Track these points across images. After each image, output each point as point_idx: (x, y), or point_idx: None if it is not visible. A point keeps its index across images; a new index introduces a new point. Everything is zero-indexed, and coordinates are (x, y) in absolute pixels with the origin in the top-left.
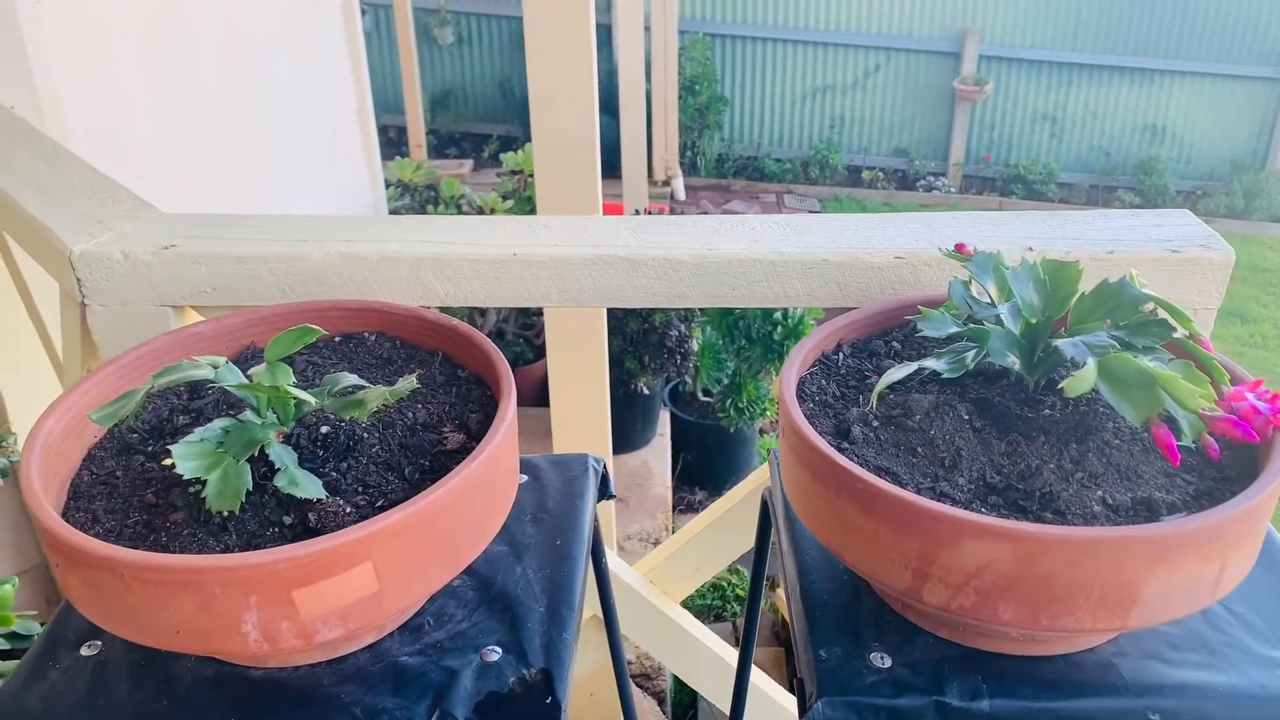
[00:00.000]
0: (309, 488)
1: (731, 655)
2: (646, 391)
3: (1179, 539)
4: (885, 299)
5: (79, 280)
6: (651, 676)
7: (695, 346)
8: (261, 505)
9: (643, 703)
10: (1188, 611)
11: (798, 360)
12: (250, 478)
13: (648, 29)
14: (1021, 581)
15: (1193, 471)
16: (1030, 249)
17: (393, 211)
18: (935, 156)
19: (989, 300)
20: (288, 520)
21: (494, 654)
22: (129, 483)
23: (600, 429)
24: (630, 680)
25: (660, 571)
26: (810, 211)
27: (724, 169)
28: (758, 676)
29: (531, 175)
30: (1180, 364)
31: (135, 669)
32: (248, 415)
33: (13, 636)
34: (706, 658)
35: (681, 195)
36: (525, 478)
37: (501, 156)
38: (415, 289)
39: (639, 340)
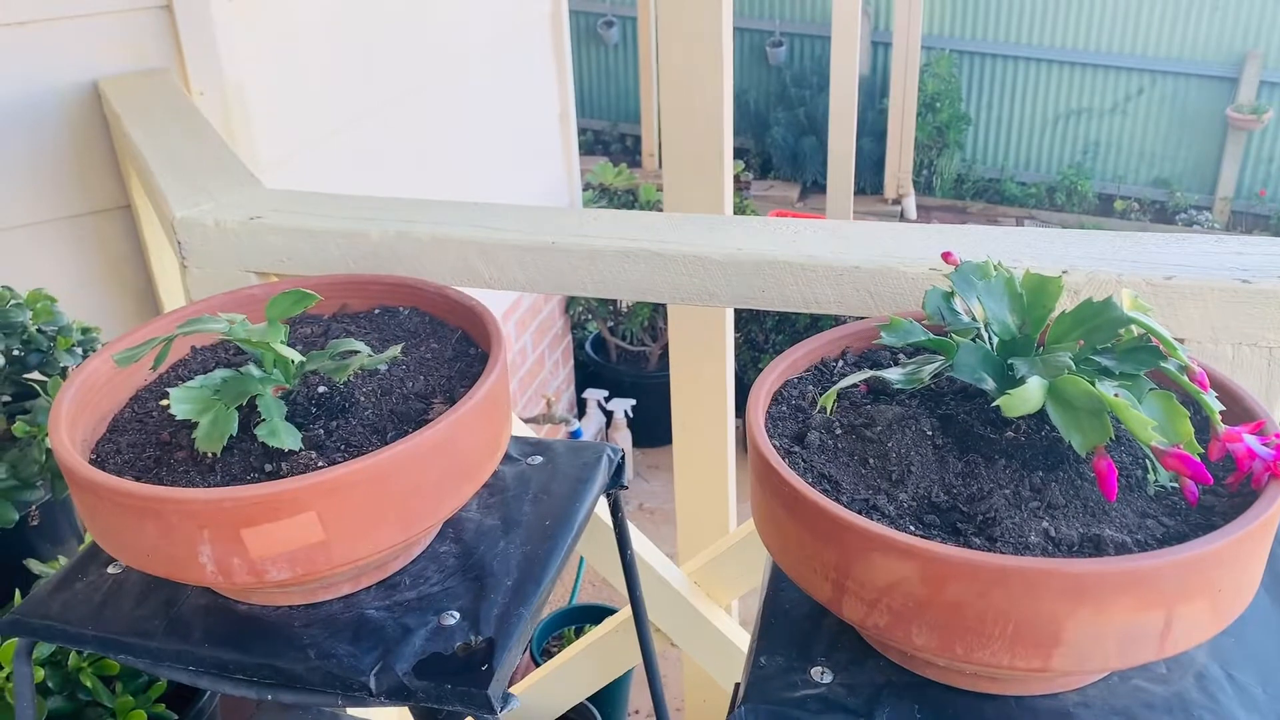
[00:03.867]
0: (286, 439)
1: None
2: None
3: (1102, 579)
4: (907, 310)
5: (180, 244)
6: None
7: None
8: (249, 452)
9: None
10: (1130, 663)
11: (787, 362)
12: (237, 424)
13: (888, 44)
14: (932, 605)
15: (1175, 515)
16: (1065, 270)
17: None
18: (1200, 189)
19: (970, 314)
20: (268, 468)
21: (451, 618)
22: (157, 422)
23: (719, 425)
24: (660, 676)
25: (705, 574)
26: None
27: (962, 190)
28: None
29: (745, 186)
30: (1158, 394)
31: (146, 589)
32: (249, 368)
33: None
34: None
35: (913, 214)
36: (539, 459)
37: None
38: (463, 271)
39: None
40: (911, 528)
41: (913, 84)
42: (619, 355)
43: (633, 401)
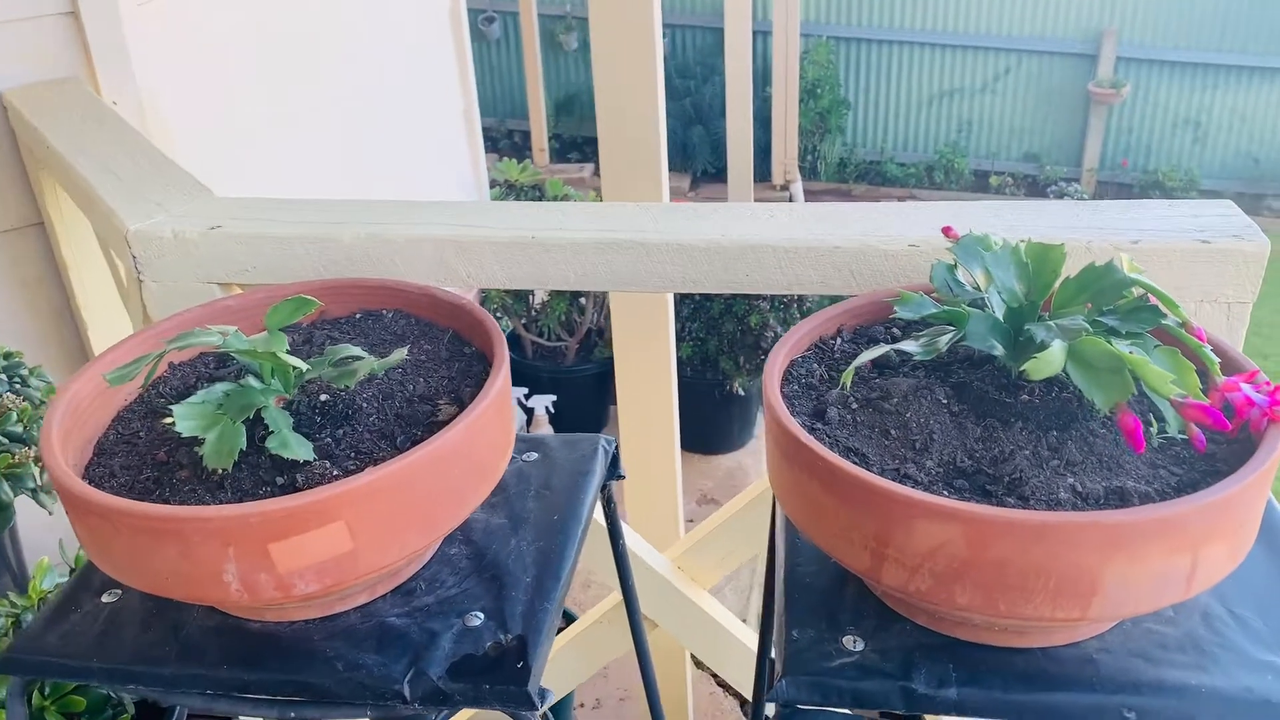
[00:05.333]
0: (298, 450)
1: (753, 640)
2: (742, 393)
3: (1136, 528)
4: (891, 285)
5: (135, 257)
6: None
7: None
8: (257, 466)
9: (723, 703)
10: (1159, 605)
11: (790, 343)
12: (245, 438)
13: (769, 33)
14: (975, 565)
15: (1182, 464)
16: (1026, 239)
17: None
18: (1068, 162)
19: (974, 285)
20: (280, 480)
21: (475, 619)
22: (148, 442)
23: (666, 416)
24: (653, 662)
25: (689, 558)
26: None
27: (845, 173)
28: None
29: None
30: (1165, 350)
31: (147, 616)
32: (250, 380)
33: None
34: (734, 647)
35: (800, 199)
36: (535, 455)
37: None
38: (440, 270)
39: (735, 341)
40: (945, 493)
41: (794, 72)
42: (535, 351)
43: (553, 397)
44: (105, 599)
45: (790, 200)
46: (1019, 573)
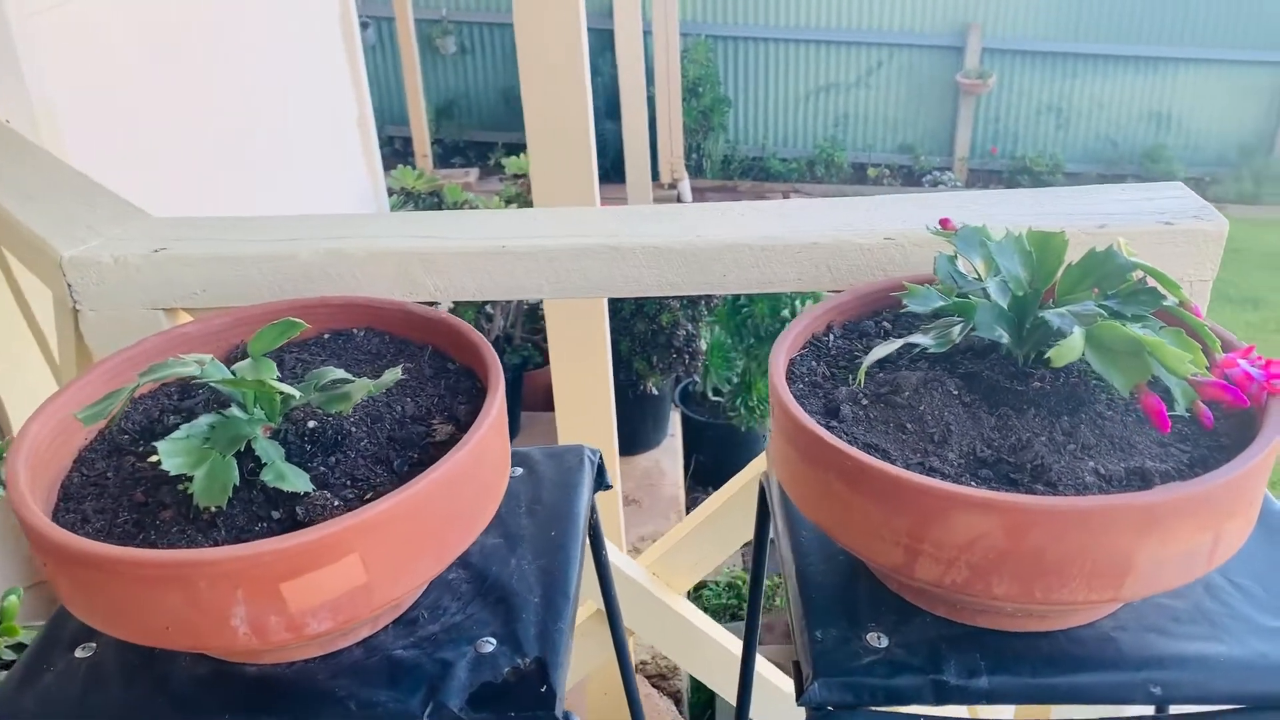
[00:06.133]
0: (295, 481)
1: (733, 644)
2: (656, 392)
3: (1170, 507)
4: (875, 280)
5: (70, 285)
6: (667, 676)
7: (703, 346)
8: (250, 501)
9: (659, 703)
10: (1184, 581)
11: (786, 342)
12: (237, 473)
13: (649, 32)
14: (1013, 554)
15: (1187, 441)
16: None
17: None
18: (940, 152)
19: (975, 275)
20: (276, 515)
21: (488, 645)
22: (119, 483)
23: (605, 422)
24: (635, 673)
25: (663, 564)
26: None
27: (730, 170)
28: (762, 666)
29: None
30: (1170, 331)
31: (129, 669)
32: (234, 411)
33: (19, 648)
34: (713, 650)
35: (688, 197)
36: (520, 470)
37: (504, 161)
38: (405, 285)
39: (647, 341)
40: (972, 484)
41: (675, 70)
42: None
43: None
44: (79, 654)
45: (679, 199)
46: (1057, 559)
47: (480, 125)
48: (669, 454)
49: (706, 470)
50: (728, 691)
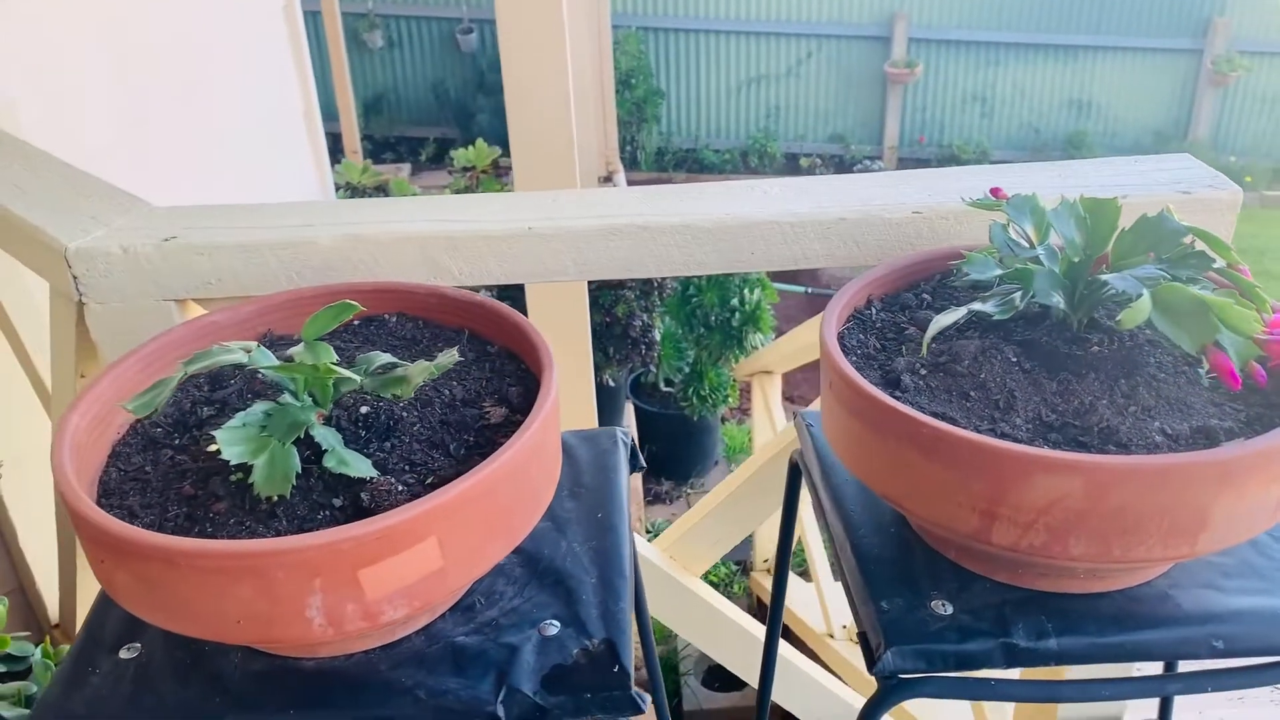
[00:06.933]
0: (359, 467)
1: (754, 626)
2: (612, 384)
3: (1244, 463)
4: (907, 253)
5: (76, 278)
6: (638, 667)
7: (658, 336)
8: (308, 489)
9: None
10: (1250, 535)
11: (834, 314)
12: (298, 461)
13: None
14: (1092, 514)
15: (1238, 399)
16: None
17: None
18: (870, 140)
19: (1028, 242)
20: (338, 502)
21: (552, 628)
22: (161, 476)
23: (586, 404)
24: (657, 653)
25: (680, 547)
26: None
27: (664, 162)
28: (783, 647)
29: (484, 171)
30: (1226, 292)
31: (180, 668)
32: (286, 398)
33: (7, 659)
34: (730, 630)
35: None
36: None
37: (451, 154)
38: (428, 269)
39: (603, 333)
40: (1045, 448)
41: (608, 62)
42: None
43: None
44: (124, 654)
45: None
46: (1135, 517)
47: (410, 120)
48: None
49: (659, 461)
50: (748, 674)
